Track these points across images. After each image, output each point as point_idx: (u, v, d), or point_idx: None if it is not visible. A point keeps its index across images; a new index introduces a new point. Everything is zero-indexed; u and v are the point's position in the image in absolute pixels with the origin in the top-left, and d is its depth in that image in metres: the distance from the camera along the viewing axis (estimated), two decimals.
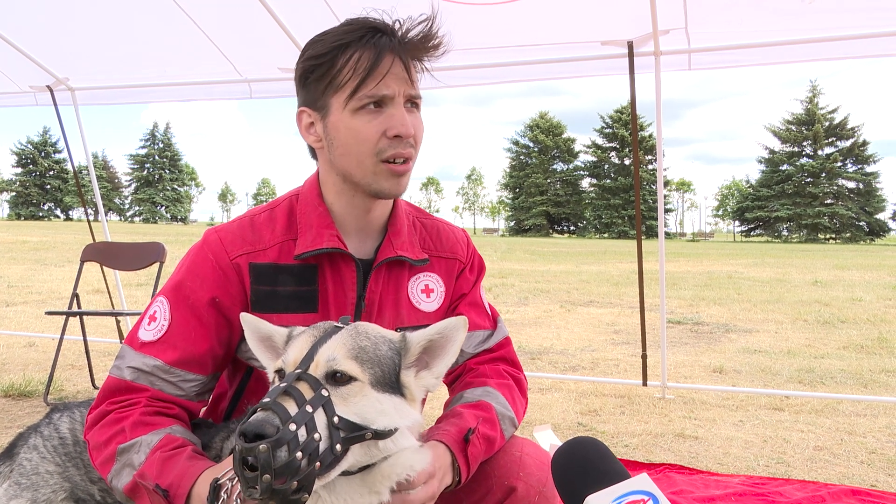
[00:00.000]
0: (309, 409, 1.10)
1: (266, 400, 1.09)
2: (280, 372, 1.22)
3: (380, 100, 1.47)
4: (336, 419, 1.13)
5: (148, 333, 1.49)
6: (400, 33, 1.49)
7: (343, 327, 1.26)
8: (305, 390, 1.13)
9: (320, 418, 1.11)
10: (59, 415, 1.61)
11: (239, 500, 1.21)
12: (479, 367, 1.66)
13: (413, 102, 1.52)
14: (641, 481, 1.16)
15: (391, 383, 1.24)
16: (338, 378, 1.18)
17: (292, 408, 1.09)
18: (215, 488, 1.23)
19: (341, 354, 1.20)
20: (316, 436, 1.09)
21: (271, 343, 1.34)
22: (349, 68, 1.46)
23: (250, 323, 1.36)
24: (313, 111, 1.55)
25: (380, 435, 1.19)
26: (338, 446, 1.12)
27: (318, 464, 1.09)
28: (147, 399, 1.44)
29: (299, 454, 1.05)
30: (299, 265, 1.55)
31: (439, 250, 1.72)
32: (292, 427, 1.06)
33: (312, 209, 1.59)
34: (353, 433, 1.15)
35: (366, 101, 1.46)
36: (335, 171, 1.56)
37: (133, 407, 1.43)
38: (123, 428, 1.39)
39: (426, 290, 1.66)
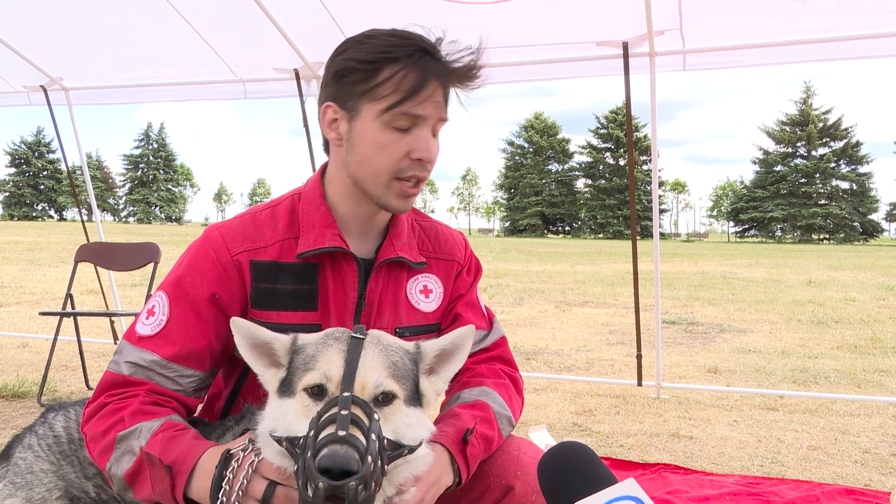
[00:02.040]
0: (373, 437, 1.11)
1: (341, 433, 1.08)
2: (317, 388, 1.19)
3: (413, 120, 1.48)
4: (385, 441, 1.15)
5: (146, 328, 1.48)
6: (446, 58, 1.50)
7: (361, 337, 1.25)
8: (361, 416, 1.13)
9: (376, 443, 1.13)
10: (53, 414, 1.61)
11: (250, 469, 1.23)
12: (475, 367, 1.67)
13: (437, 127, 1.54)
14: (628, 486, 1.16)
15: (414, 395, 1.27)
16: (382, 399, 1.20)
17: (362, 438, 1.09)
18: (227, 457, 1.24)
19: (384, 375, 1.20)
20: (379, 462, 1.11)
21: (268, 350, 1.29)
22: (392, 84, 1.46)
23: (243, 328, 1.29)
24: (341, 109, 1.53)
25: (413, 450, 1.22)
26: (385, 466, 1.15)
27: (379, 488, 1.13)
28: (145, 392, 1.44)
29: (373, 485, 1.08)
30: (300, 263, 1.55)
31: (438, 252, 1.73)
32: (369, 460, 1.07)
33: (315, 208, 1.59)
34: (395, 451, 1.18)
35: (400, 120, 1.47)
36: (347, 172, 1.56)
37: (131, 398, 1.43)
38: (122, 417, 1.39)
39: (425, 291, 1.67)
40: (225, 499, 1.22)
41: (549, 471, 1.27)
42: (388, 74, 1.46)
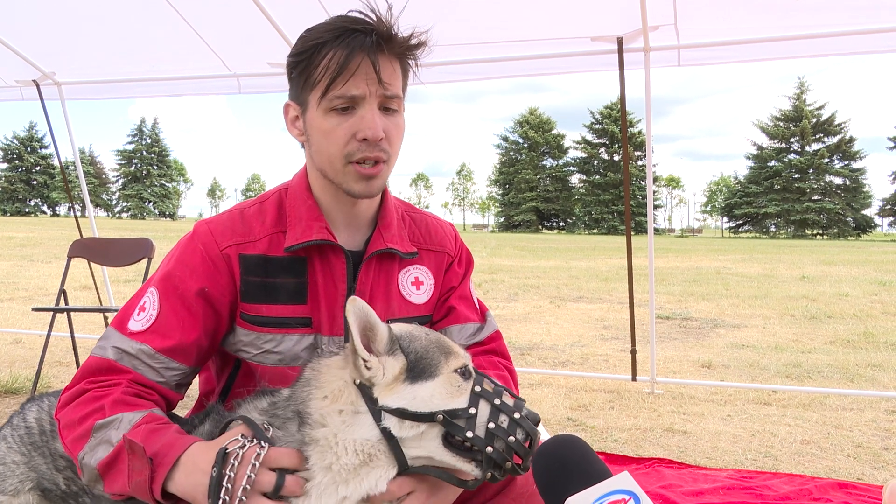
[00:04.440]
0: None
1: (520, 400, 1.31)
2: (463, 368, 1.29)
3: (351, 101, 1.46)
4: None
5: (137, 323, 1.47)
6: (378, 32, 1.46)
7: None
8: None
9: None
10: (30, 404, 1.58)
11: (256, 462, 1.22)
12: (475, 360, 1.67)
13: (389, 104, 1.50)
14: (622, 480, 1.15)
15: None
16: None
17: None
18: (224, 455, 1.23)
19: None
20: None
21: (372, 334, 1.27)
22: (322, 67, 1.46)
23: (361, 308, 1.24)
24: (297, 105, 1.56)
25: None
26: None
27: None
28: (128, 381, 1.41)
29: None
30: (289, 257, 1.55)
31: (428, 244, 1.72)
32: None
33: (301, 202, 1.59)
34: None
35: (336, 103, 1.46)
36: (315, 166, 1.58)
37: (113, 387, 1.40)
38: (103, 405, 1.36)
39: (416, 283, 1.67)
40: (227, 498, 1.20)
41: (544, 465, 1.27)
42: (318, 60, 1.47)
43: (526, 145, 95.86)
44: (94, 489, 1.36)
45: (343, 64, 1.44)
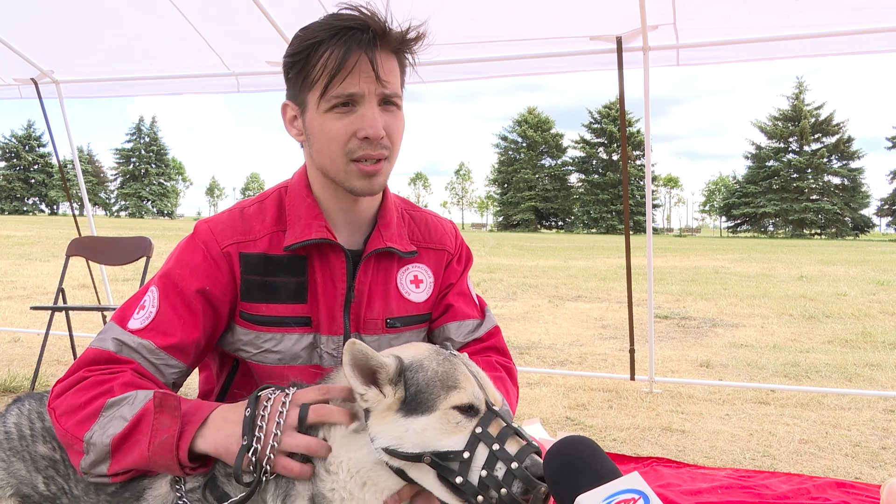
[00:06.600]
0: None
1: (535, 443, 1.21)
2: (467, 407, 1.22)
3: (350, 99, 1.46)
4: None
5: (136, 321, 1.47)
6: (374, 28, 1.46)
7: (458, 355, 1.33)
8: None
9: None
10: (11, 408, 1.56)
11: (287, 400, 1.27)
12: (472, 357, 1.67)
13: (389, 101, 1.50)
14: (632, 480, 1.15)
15: None
16: None
17: None
18: (257, 398, 1.28)
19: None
20: None
21: (371, 371, 1.25)
22: (320, 66, 1.45)
23: (360, 351, 1.23)
24: (295, 105, 1.56)
25: None
26: None
27: None
28: (130, 371, 1.40)
29: None
30: (289, 256, 1.55)
31: (428, 241, 1.72)
32: None
33: (301, 201, 1.59)
34: None
35: (334, 101, 1.46)
36: (315, 165, 1.57)
37: (117, 374, 1.39)
38: (111, 387, 1.35)
39: (415, 281, 1.67)
40: (262, 435, 1.24)
41: (554, 465, 1.28)
42: (315, 59, 1.46)
43: (524, 145, 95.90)
44: (92, 472, 1.33)
45: (341, 62, 1.43)
